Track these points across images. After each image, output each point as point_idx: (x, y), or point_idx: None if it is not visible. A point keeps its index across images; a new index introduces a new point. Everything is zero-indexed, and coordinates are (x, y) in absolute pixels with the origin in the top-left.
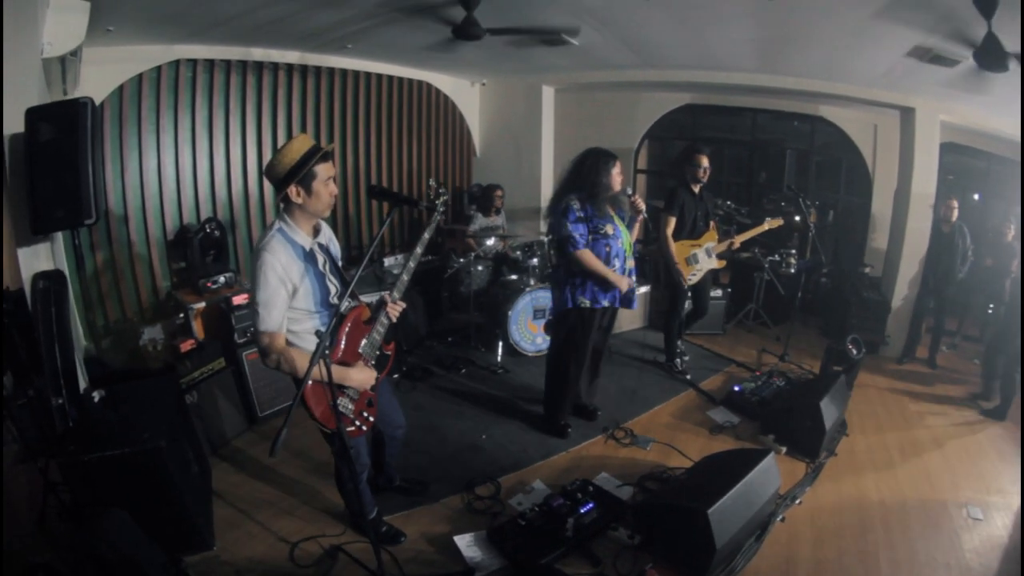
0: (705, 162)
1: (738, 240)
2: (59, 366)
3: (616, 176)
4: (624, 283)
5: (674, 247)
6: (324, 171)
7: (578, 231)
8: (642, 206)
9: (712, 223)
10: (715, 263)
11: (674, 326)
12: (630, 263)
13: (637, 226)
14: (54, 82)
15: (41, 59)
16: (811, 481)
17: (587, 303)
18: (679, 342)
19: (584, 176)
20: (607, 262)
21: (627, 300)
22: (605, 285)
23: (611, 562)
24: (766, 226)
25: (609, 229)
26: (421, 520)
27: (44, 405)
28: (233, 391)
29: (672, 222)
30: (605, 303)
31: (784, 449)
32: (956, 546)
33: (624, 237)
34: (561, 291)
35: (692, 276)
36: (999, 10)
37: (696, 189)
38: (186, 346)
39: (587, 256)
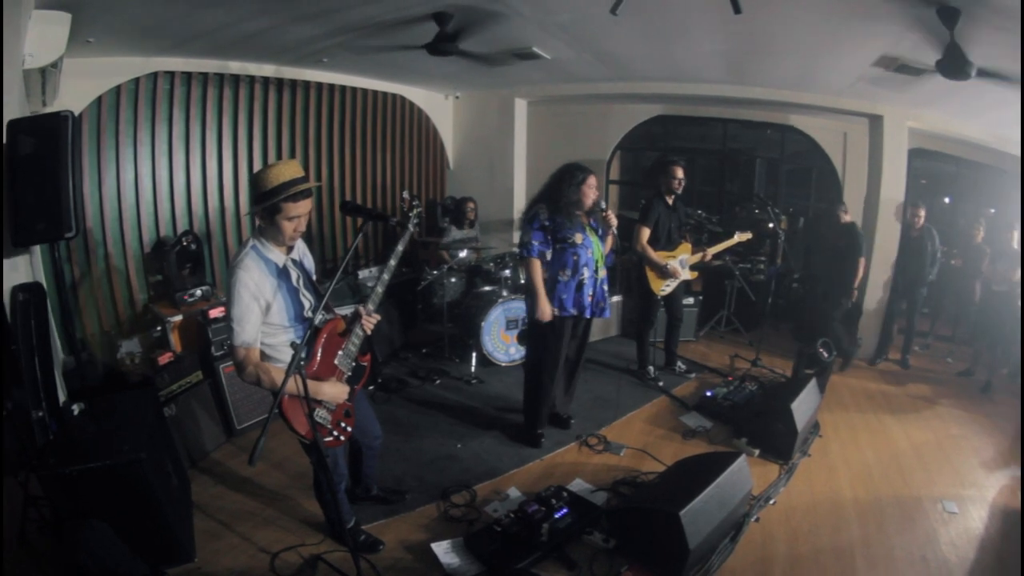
0: (680, 174)
1: (710, 253)
2: (39, 379)
3: (587, 189)
4: (545, 311)
5: (654, 254)
6: (292, 209)
7: (536, 239)
8: (614, 221)
9: (686, 235)
10: (688, 275)
11: (646, 334)
12: (602, 273)
13: (610, 239)
14: (33, 93)
15: (22, 70)
16: (785, 482)
17: (555, 311)
18: (678, 361)
19: (555, 188)
20: (575, 271)
21: (599, 309)
22: (574, 294)
23: (587, 566)
24: (736, 239)
25: (578, 239)
26: (399, 528)
27: (24, 418)
28: (211, 404)
29: (646, 233)
30: (573, 311)
31: (757, 452)
32: (932, 540)
33: (595, 248)
34: (532, 299)
35: (666, 287)
36: (961, 21)
37: (670, 200)
38: (164, 359)
39: (533, 265)
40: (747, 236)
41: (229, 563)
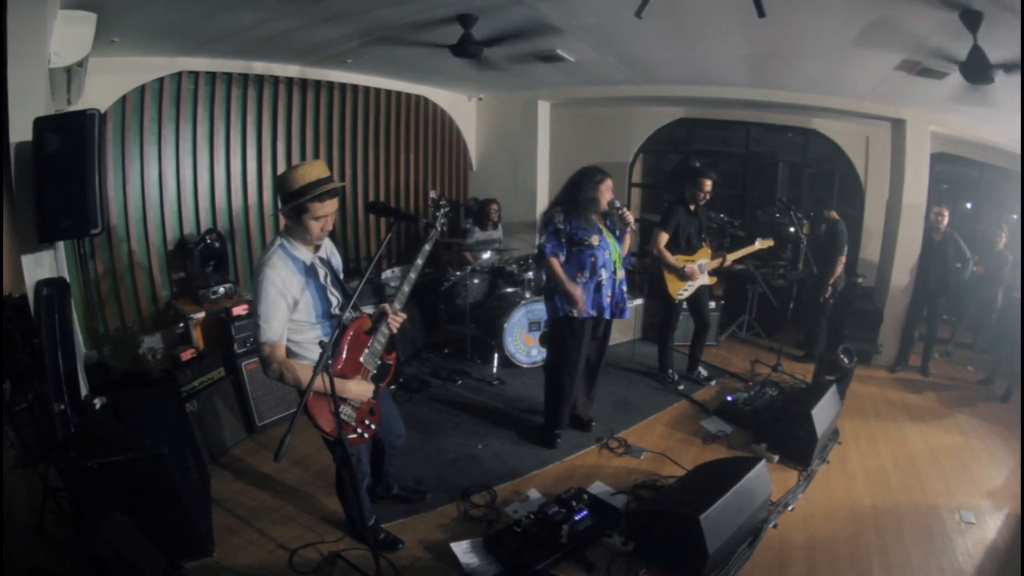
0: (709, 186)
1: (730, 258)
2: (61, 372)
3: (603, 191)
4: (579, 299)
5: (671, 257)
6: (318, 209)
7: (551, 241)
8: (630, 218)
9: (705, 239)
10: (707, 279)
11: (668, 339)
12: (620, 274)
13: (628, 238)
14: (59, 92)
15: (48, 69)
16: (803, 488)
17: (574, 312)
18: (700, 367)
19: (572, 190)
20: (593, 272)
21: (619, 310)
22: (593, 296)
23: (605, 568)
24: (757, 246)
25: (594, 240)
26: (418, 527)
27: (45, 411)
28: (232, 400)
29: (665, 237)
30: (592, 312)
31: (777, 457)
32: (949, 550)
33: (613, 249)
34: (551, 301)
35: (684, 291)
36: (984, 24)
37: (693, 208)
38: (186, 355)
39: (551, 263)
40: (768, 243)
41: (247, 559)
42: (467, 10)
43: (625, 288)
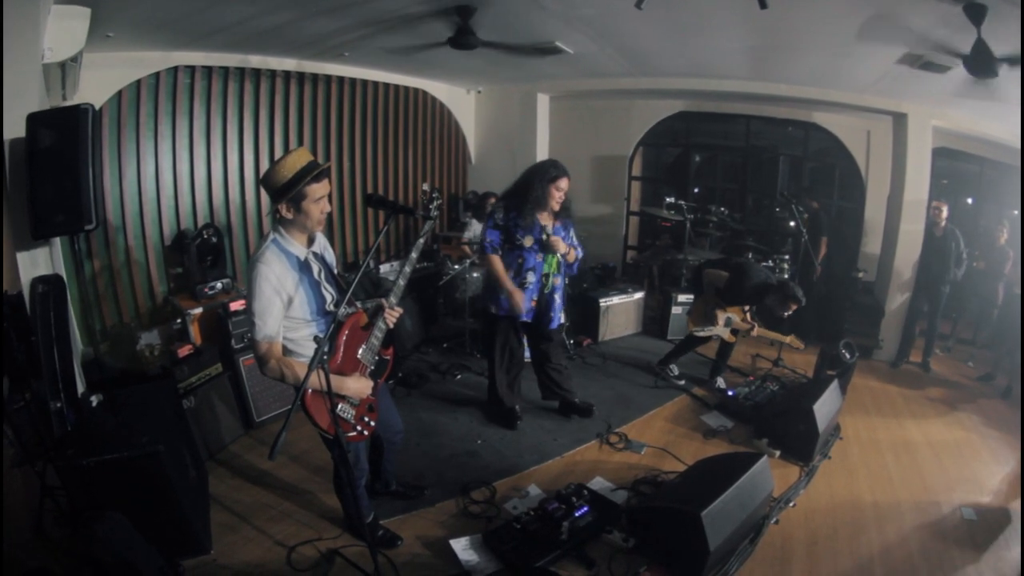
0: (786, 314)
1: (758, 331)
2: (58, 370)
3: (553, 192)
4: (519, 302)
5: (706, 298)
6: (316, 190)
7: (490, 236)
8: (561, 248)
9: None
10: (725, 334)
11: (686, 348)
12: (555, 281)
13: (571, 252)
14: (53, 87)
15: (42, 64)
16: (805, 484)
17: (493, 310)
18: (719, 377)
19: (521, 185)
20: (518, 273)
21: (546, 320)
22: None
23: (606, 565)
24: (788, 340)
25: (527, 241)
26: (417, 524)
27: (42, 409)
28: (230, 396)
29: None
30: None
31: (778, 453)
32: (950, 546)
33: (548, 257)
34: (484, 292)
35: (698, 331)
36: (988, 18)
37: (783, 313)
38: (183, 351)
39: (493, 261)
40: (799, 345)
41: (245, 556)
42: (465, 1)
43: (558, 297)
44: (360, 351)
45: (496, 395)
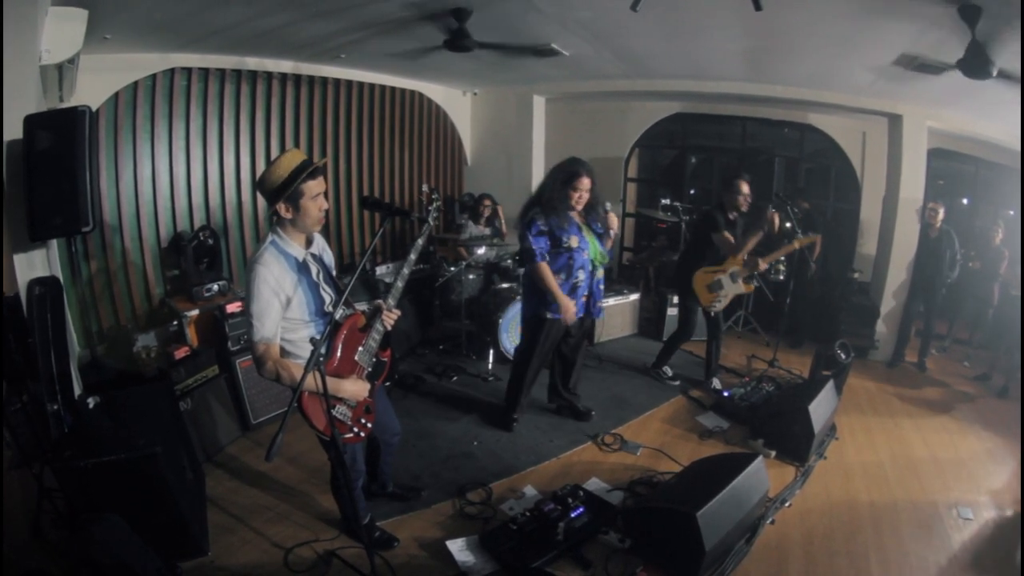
0: (745, 188)
1: (764, 262)
2: (55, 372)
3: (576, 193)
4: (569, 310)
5: (698, 276)
6: (313, 188)
7: (538, 244)
8: (615, 223)
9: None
10: (741, 288)
11: (677, 345)
12: (599, 273)
13: (609, 242)
14: (50, 89)
15: (39, 66)
16: (801, 484)
17: (548, 315)
18: (716, 378)
19: (544, 191)
20: (569, 274)
21: (596, 310)
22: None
23: (602, 565)
24: (795, 245)
25: (573, 242)
26: (414, 525)
27: (39, 411)
28: (227, 398)
29: (728, 236)
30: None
31: (774, 453)
32: (947, 546)
33: (592, 248)
34: (527, 300)
35: (716, 303)
36: (982, 19)
37: (732, 216)
38: (180, 353)
39: (543, 270)
40: (810, 239)
41: (243, 558)
42: (461, 4)
43: (602, 286)
44: (357, 353)
45: (515, 400)
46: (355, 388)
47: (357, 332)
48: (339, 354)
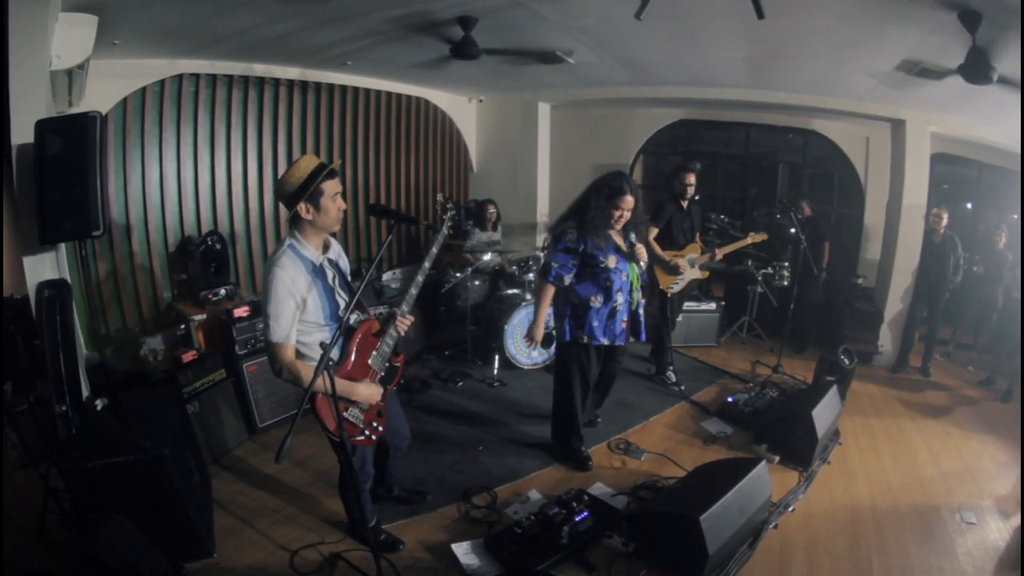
0: (691, 179)
1: (720, 252)
2: (63, 374)
3: (618, 212)
4: (537, 337)
5: (660, 251)
6: (331, 187)
7: (559, 261)
8: (644, 257)
9: (698, 235)
10: (697, 273)
11: (665, 337)
12: (637, 296)
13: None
14: (60, 94)
15: (49, 71)
16: (804, 489)
17: (584, 339)
18: (669, 370)
19: (584, 202)
20: (608, 297)
21: (634, 332)
22: (606, 323)
23: (606, 569)
24: (749, 240)
25: (611, 262)
26: (419, 528)
27: (46, 412)
28: (234, 401)
29: (654, 231)
30: (604, 341)
31: (777, 458)
32: (950, 551)
33: (630, 270)
34: (561, 322)
35: (674, 285)
36: (983, 25)
37: (684, 204)
38: (187, 357)
39: (544, 291)
40: (761, 237)
41: (248, 559)
42: (467, 12)
43: (643, 312)
44: (371, 358)
45: (574, 431)
46: (368, 391)
47: (371, 337)
48: (353, 358)
